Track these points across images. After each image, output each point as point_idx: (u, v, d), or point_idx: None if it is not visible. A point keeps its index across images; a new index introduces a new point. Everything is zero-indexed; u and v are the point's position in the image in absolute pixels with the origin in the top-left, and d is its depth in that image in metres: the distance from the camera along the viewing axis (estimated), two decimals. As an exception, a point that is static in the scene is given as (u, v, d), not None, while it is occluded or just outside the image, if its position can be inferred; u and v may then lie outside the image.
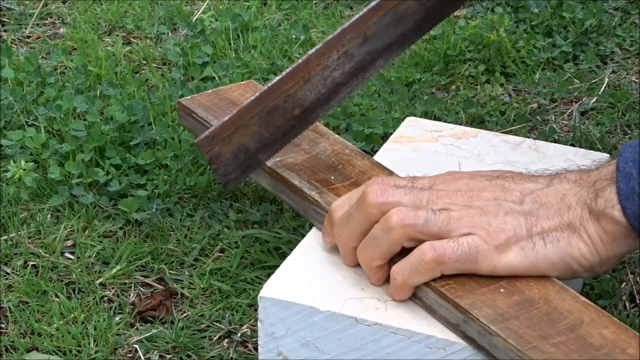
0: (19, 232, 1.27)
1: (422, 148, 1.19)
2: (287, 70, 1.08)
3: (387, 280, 0.97)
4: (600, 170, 0.94)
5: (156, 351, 1.11)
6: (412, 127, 1.22)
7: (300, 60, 1.08)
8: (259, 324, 0.98)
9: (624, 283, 1.19)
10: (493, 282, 0.93)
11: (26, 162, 1.33)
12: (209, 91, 1.31)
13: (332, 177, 1.11)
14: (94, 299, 1.18)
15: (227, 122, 1.09)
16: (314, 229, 1.06)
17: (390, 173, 1.11)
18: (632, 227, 0.90)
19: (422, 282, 0.93)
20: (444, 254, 0.92)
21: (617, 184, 0.91)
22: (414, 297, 0.95)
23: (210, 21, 1.74)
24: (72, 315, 1.15)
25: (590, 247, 0.92)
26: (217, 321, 1.15)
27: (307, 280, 0.99)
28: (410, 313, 0.94)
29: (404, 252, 0.94)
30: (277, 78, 1.07)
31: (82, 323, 1.14)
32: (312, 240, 1.05)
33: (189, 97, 1.29)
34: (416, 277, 0.93)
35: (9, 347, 1.11)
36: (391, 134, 1.24)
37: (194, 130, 1.27)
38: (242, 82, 1.34)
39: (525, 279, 0.93)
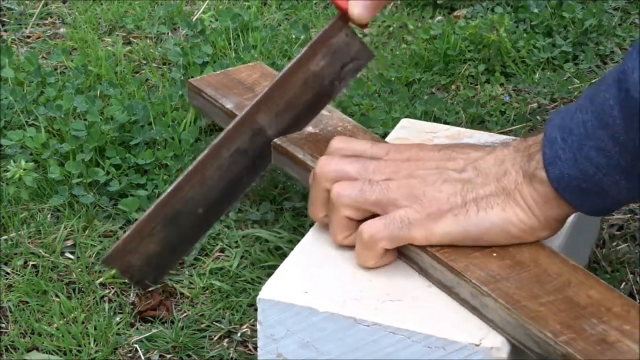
0: (19, 232, 1.27)
1: None
2: (181, 176, 1.09)
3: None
4: (537, 136, 0.96)
5: (156, 351, 1.11)
6: (407, 129, 1.22)
7: (193, 164, 1.09)
8: (258, 325, 0.98)
9: (624, 283, 1.19)
10: (486, 247, 0.96)
11: (26, 162, 1.33)
12: (218, 72, 1.36)
13: None
14: (94, 298, 1.18)
15: (130, 235, 1.08)
16: (311, 230, 1.07)
17: (373, 138, 1.15)
18: (556, 190, 0.93)
19: (374, 258, 0.98)
20: (377, 232, 0.97)
21: (543, 149, 0.94)
22: (410, 261, 0.99)
23: (210, 21, 1.75)
24: (72, 315, 1.15)
25: (526, 210, 0.95)
26: (217, 321, 1.15)
27: (305, 281, 0.99)
28: (410, 313, 0.94)
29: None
30: (173, 185, 1.09)
31: (82, 323, 1.14)
32: (310, 242, 1.05)
33: (198, 77, 1.34)
34: (366, 254, 0.99)
35: (9, 346, 1.11)
36: (391, 133, 1.24)
37: (203, 108, 1.32)
38: (250, 64, 1.39)
39: (518, 245, 0.96)
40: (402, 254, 1.00)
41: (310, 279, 0.99)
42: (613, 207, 0.95)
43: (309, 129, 1.17)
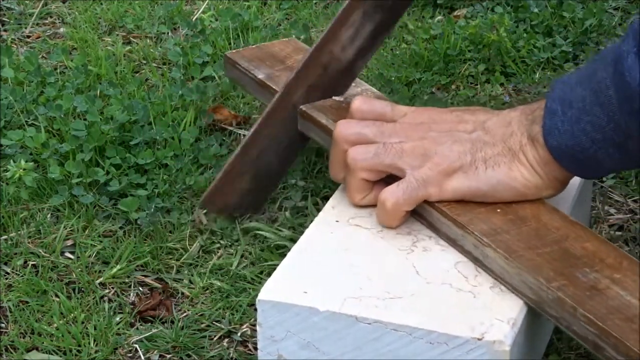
0: (19, 232, 1.27)
1: None
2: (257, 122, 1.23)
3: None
4: (541, 101, 1.02)
5: (156, 351, 1.11)
6: None
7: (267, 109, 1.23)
8: (257, 327, 0.98)
9: (624, 283, 1.19)
10: (491, 203, 1.03)
11: (26, 161, 1.33)
12: (253, 46, 1.45)
13: None
14: (93, 298, 1.18)
15: (221, 178, 1.24)
16: (308, 230, 1.07)
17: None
18: (554, 158, 1.00)
19: (397, 220, 1.05)
20: (399, 198, 1.03)
21: (544, 119, 1.00)
22: (419, 216, 1.06)
23: (210, 21, 1.74)
24: (72, 315, 1.15)
25: (530, 169, 1.01)
26: (217, 321, 1.15)
27: (304, 281, 0.99)
28: (411, 309, 0.94)
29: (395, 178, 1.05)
30: (252, 129, 1.23)
31: (82, 323, 1.14)
32: (307, 242, 1.05)
33: (234, 50, 1.45)
34: (390, 219, 1.05)
35: (9, 346, 1.11)
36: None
37: (237, 79, 1.40)
38: (284, 40, 1.48)
39: (521, 202, 1.03)
40: (414, 211, 1.05)
41: (309, 279, 0.99)
42: (607, 174, 1.03)
43: (335, 97, 1.25)
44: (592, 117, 0.96)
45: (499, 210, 1.02)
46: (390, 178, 1.06)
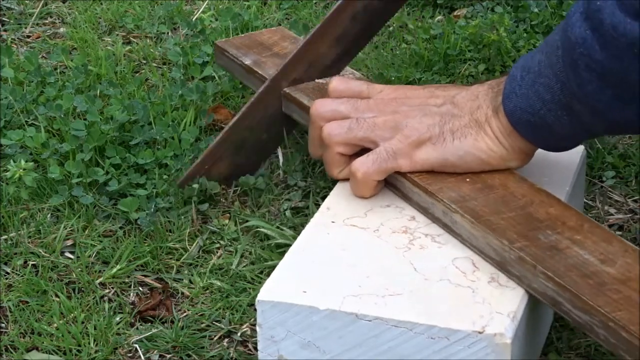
0: (19, 232, 1.27)
1: None
2: (244, 108, 1.29)
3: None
4: (508, 74, 1.06)
5: (156, 351, 1.11)
6: None
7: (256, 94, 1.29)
8: (257, 328, 0.98)
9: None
10: (461, 174, 1.08)
11: (26, 161, 1.33)
12: (243, 35, 1.51)
13: None
14: (93, 298, 1.18)
15: (202, 160, 1.29)
16: (305, 229, 1.07)
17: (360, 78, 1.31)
18: (511, 124, 1.04)
19: (369, 190, 1.10)
20: (369, 168, 1.08)
21: (505, 85, 1.04)
22: (393, 187, 1.10)
23: (210, 21, 1.75)
24: (72, 314, 1.15)
25: (494, 140, 1.06)
26: (217, 321, 1.15)
27: (303, 281, 0.99)
28: (410, 305, 0.94)
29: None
30: (238, 114, 1.29)
31: (82, 323, 1.14)
32: (305, 242, 1.05)
33: (224, 39, 1.51)
34: (361, 189, 1.09)
35: (9, 346, 1.11)
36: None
37: (226, 66, 1.46)
38: (273, 28, 1.53)
39: (490, 172, 1.08)
40: (387, 182, 1.11)
41: (308, 279, 0.99)
42: (562, 143, 1.05)
43: (318, 80, 1.30)
44: (545, 79, 1.00)
45: (468, 180, 1.07)
46: (366, 152, 1.10)
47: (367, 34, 1.31)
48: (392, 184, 1.11)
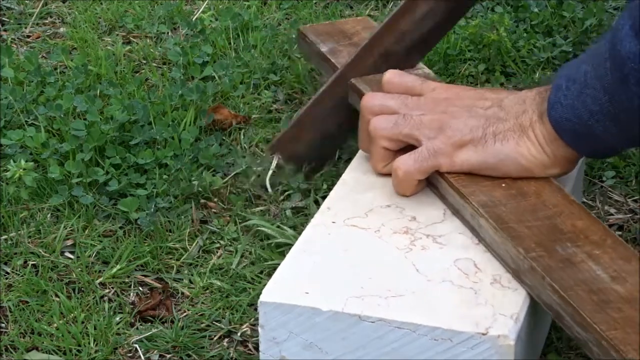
0: (19, 232, 1.27)
1: None
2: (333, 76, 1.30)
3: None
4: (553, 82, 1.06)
5: (156, 351, 1.11)
6: None
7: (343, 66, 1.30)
8: (259, 329, 0.97)
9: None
10: (498, 178, 1.07)
11: (26, 161, 1.33)
12: (327, 22, 1.53)
13: None
14: (93, 298, 1.17)
15: (293, 125, 1.31)
16: (306, 230, 1.07)
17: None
18: (556, 132, 1.04)
19: (410, 189, 1.10)
20: (410, 167, 1.09)
21: (550, 95, 1.04)
22: (433, 186, 1.11)
23: (210, 21, 1.74)
24: (72, 314, 1.15)
25: (537, 145, 1.05)
26: (217, 320, 1.15)
27: (305, 282, 0.98)
28: (413, 307, 0.94)
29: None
30: (328, 82, 1.31)
31: (82, 322, 1.14)
32: (306, 243, 1.05)
33: (308, 25, 1.54)
34: (403, 187, 1.10)
35: (9, 346, 1.11)
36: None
37: (306, 52, 1.48)
38: (358, 17, 1.57)
39: (528, 179, 1.07)
40: (428, 181, 1.11)
41: (310, 280, 0.99)
42: (608, 152, 1.06)
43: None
44: (592, 90, 0.99)
45: (503, 185, 1.07)
46: (412, 149, 1.10)
47: (439, 32, 1.31)
48: (432, 183, 1.11)
